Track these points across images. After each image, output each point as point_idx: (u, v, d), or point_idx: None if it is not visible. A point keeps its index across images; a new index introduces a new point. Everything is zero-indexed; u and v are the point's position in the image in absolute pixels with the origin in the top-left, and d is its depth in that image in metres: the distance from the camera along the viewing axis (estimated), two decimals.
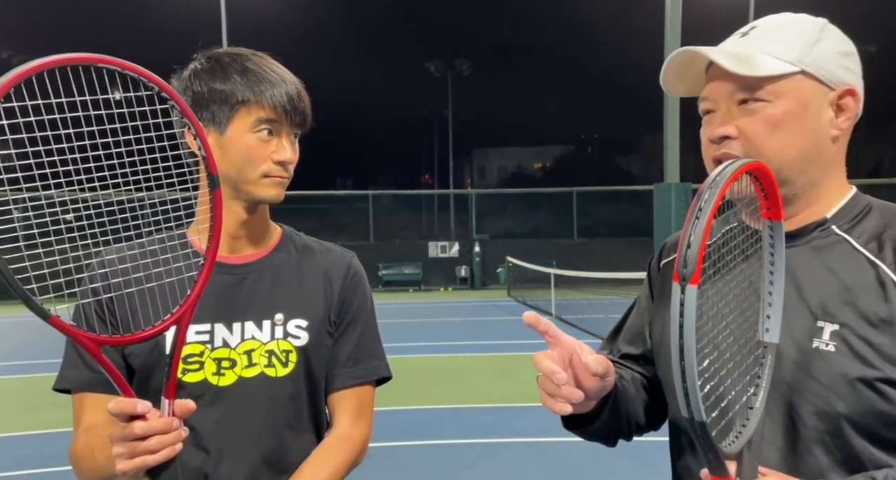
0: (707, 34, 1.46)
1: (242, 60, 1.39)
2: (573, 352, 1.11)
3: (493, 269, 20.71)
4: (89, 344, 1.12)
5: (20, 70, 0.98)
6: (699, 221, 0.85)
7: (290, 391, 1.42)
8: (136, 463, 1.12)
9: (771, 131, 1.11)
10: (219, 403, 1.37)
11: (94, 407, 1.37)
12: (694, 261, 0.84)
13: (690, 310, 0.84)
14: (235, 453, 1.39)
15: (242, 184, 1.37)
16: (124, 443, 1.12)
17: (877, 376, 1.03)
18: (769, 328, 1.06)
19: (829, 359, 1.06)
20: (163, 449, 1.12)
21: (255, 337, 1.41)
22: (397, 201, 25.53)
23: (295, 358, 1.42)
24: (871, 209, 1.16)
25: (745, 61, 1.10)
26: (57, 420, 6.31)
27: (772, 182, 1.01)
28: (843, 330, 1.07)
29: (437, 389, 7.75)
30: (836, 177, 1.17)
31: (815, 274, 1.12)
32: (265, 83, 1.36)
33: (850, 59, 1.15)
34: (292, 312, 1.44)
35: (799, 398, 1.09)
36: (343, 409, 1.49)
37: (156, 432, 1.12)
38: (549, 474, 5.04)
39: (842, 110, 1.13)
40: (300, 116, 1.41)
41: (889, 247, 1.09)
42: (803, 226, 1.16)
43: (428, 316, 14.61)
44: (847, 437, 1.06)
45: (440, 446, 5.71)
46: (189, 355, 1.36)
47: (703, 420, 0.88)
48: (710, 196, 0.87)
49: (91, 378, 1.37)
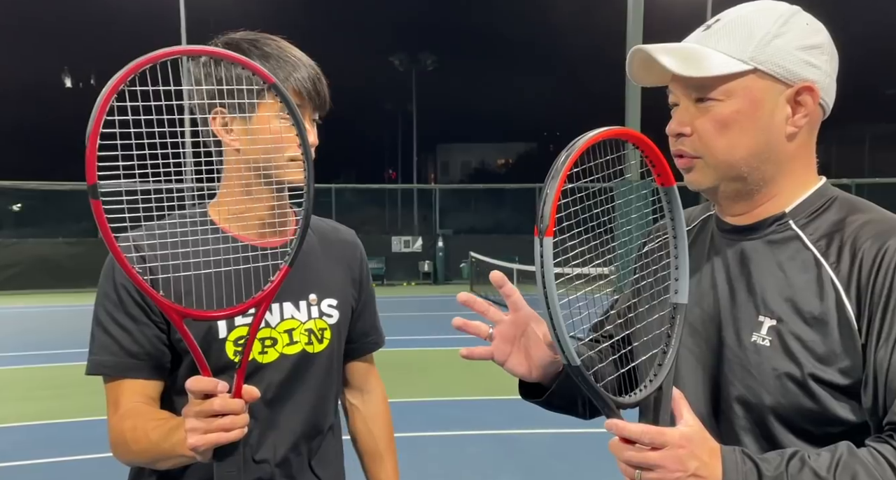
0: (670, 30, 1.48)
1: (261, 45, 1.41)
2: (530, 322, 1.18)
3: (457, 264, 20.73)
4: (173, 315, 1.17)
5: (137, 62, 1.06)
6: (554, 180, 0.92)
7: (325, 365, 1.54)
8: (209, 439, 1.15)
9: (719, 130, 1.11)
10: (263, 379, 1.43)
11: (132, 392, 1.38)
12: (549, 216, 0.91)
13: (549, 260, 0.91)
14: (280, 424, 1.46)
15: (271, 169, 1.39)
16: (200, 419, 1.15)
17: (804, 373, 1.06)
18: (678, 289, 1.11)
19: (763, 353, 1.10)
20: (235, 430, 1.15)
21: (295, 317, 1.49)
22: (360, 195, 25.36)
23: (329, 336, 1.54)
24: (832, 204, 1.15)
25: (692, 61, 1.10)
26: (53, 411, 6.15)
27: (654, 150, 1.05)
28: (779, 326, 1.09)
29: (401, 383, 7.74)
30: (795, 174, 1.16)
31: (765, 269, 1.14)
32: (288, 67, 1.39)
33: (815, 53, 1.11)
34: (324, 292, 1.54)
35: (732, 388, 1.13)
36: (372, 373, 1.74)
37: (232, 410, 1.15)
38: (512, 465, 5.09)
39: (799, 107, 1.11)
40: (321, 99, 1.45)
41: (835, 246, 1.10)
42: (762, 219, 1.17)
43: (391, 311, 14.54)
44: (772, 429, 1.10)
45: (404, 439, 5.66)
46: (239, 337, 1.40)
47: (578, 365, 0.94)
48: (566, 158, 0.94)
49: (130, 363, 1.38)
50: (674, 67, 1.09)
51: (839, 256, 1.08)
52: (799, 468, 0.98)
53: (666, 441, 0.96)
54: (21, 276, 17.30)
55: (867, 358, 1.03)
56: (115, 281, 1.38)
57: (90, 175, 1.05)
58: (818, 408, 1.06)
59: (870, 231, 1.08)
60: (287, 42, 1.46)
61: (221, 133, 1.40)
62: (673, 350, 1.07)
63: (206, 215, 1.45)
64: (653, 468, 0.97)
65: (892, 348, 1.01)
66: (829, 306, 1.06)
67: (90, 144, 1.05)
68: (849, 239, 1.09)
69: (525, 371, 1.20)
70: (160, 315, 1.36)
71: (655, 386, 1.03)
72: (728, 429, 1.14)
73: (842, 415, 1.06)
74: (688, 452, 0.97)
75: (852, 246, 1.08)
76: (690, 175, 1.17)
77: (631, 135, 1.02)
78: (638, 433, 0.96)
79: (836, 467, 0.97)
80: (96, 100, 1.05)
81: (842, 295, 1.06)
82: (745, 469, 0.98)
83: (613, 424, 0.98)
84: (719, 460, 0.99)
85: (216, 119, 1.39)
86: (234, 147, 1.40)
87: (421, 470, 4.97)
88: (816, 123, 1.16)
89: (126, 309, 1.38)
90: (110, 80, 1.06)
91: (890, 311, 1.02)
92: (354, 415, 1.73)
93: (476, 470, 5.00)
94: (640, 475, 0.98)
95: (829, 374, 1.05)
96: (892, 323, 1.02)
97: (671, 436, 0.97)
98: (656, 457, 0.96)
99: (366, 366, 1.73)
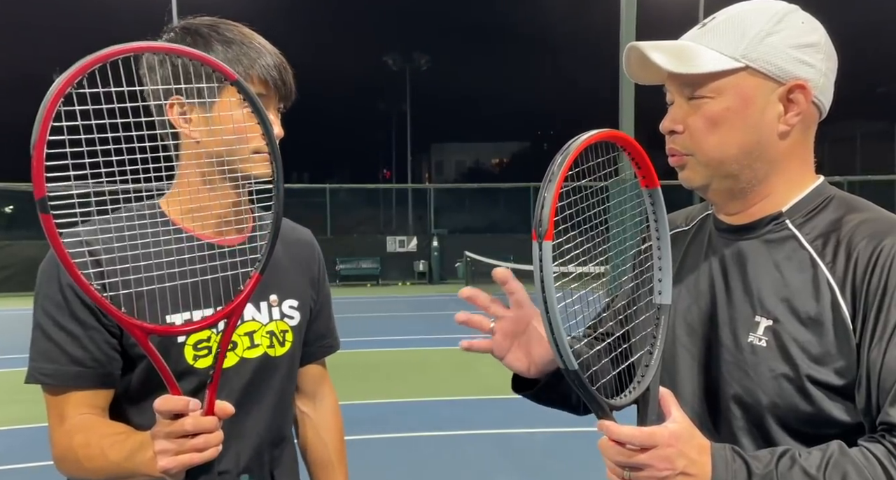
0: (664, 29, 1.48)
1: (222, 30, 1.32)
2: (532, 319, 1.18)
3: (452, 264, 20.72)
4: (137, 332, 1.08)
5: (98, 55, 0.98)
6: (551, 183, 0.92)
7: (287, 368, 1.46)
8: (182, 460, 1.08)
9: (710, 128, 1.11)
10: (224, 384, 1.33)
11: (78, 403, 1.28)
12: (547, 220, 0.90)
13: (548, 264, 0.91)
14: (243, 432, 1.37)
15: (233, 162, 1.31)
16: (171, 440, 1.08)
17: (799, 373, 1.06)
18: (661, 290, 1.11)
19: (760, 354, 1.10)
20: (208, 449, 1.09)
21: (256, 319, 1.41)
22: (355, 195, 25.34)
23: (291, 338, 1.46)
24: (829, 203, 1.15)
25: (684, 58, 1.10)
26: (17, 417, 6.12)
27: (639, 152, 1.05)
28: (776, 326, 1.09)
29: (397, 383, 7.74)
30: (790, 172, 1.15)
31: (762, 269, 1.14)
32: (252, 55, 1.30)
33: (810, 51, 1.11)
34: (284, 293, 1.46)
35: (729, 388, 1.13)
36: (325, 378, 1.66)
37: (205, 430, 1.09)
38: (508, 465, 5.09)
39: (791, 105, 1.11)
40: (287, 89, 1.36)
41: (831, 246, 1.09)
42: (758, 219, 1.17)
43: (386, 311, 14.56)
44: (769, 429, 1.10)
45: (400, 439, 5.70)
46: (199, 341, 1.32)
47: (576, 369, 0.94)
48: (562, 160, 0.93)
49: (75, 372, 1.27)
50: (665, 64, 1.09)
51: (835, 256, 1.08)
52: (789, 466, 0.98)
53: (655, 441, 0.96)
54: (13, 279, 17.22)
55: (860, 358, 1.03)
56: (61, 282, 1.25)
57: (38, 188, 0.96)
58: (814, 409, 1.06)
59: (865, 230, 1.08)
60: (249, 29, 1.37)
61: (179, 122, 1.29)
62: (658, 350, 1.07)
63: (158, 208, 1.34)
64: (642, 467, 0.97)
65: (885, 347, 1.01)
66: (825, 306, 1.06)
67: (36, 154, 0.96)
68: (844, 238, 1.09)
69: (524, 367, 1.20)
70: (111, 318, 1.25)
71: (643, 387, 1.04)
72: (725, 429, 1.14)
73: (837, 416, 1.06)
74: (676, 450, 0.97)
75: (848, 246, 1.07)
76: (683, 173, 1.17)
77: (618, 137, 1.02)
78: (628, 436, 0.97)
79: (826, 465, 0.97)
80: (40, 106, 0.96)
81: (837, 296, 1.06)
82: (734, 467, 0.98)
83: (605, 426, 0.98)
84: (709, 457, 0.99)
85: (173, 107, 1.28)
86: (192, 138, 1.30)
87: (417, 470, 4.96)
88: (811, 122, 1.16)
89: (73, 312, 1.25)
90: (55, 83, 0.97)
91: (884, 311, 1.02)
92: (305, 423, 1.62)
93: (473, 470, 5.00)
94: (630, 475, 0.98)
95: (824, 375, 1.05)
96: (886, 323, 1.02)
97: (660, 436, 0.97)
98: (644, 457, 0.96)
99: (320, 372, 1.64)
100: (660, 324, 1.10)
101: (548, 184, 0.92)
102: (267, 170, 1.32)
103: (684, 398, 1.18)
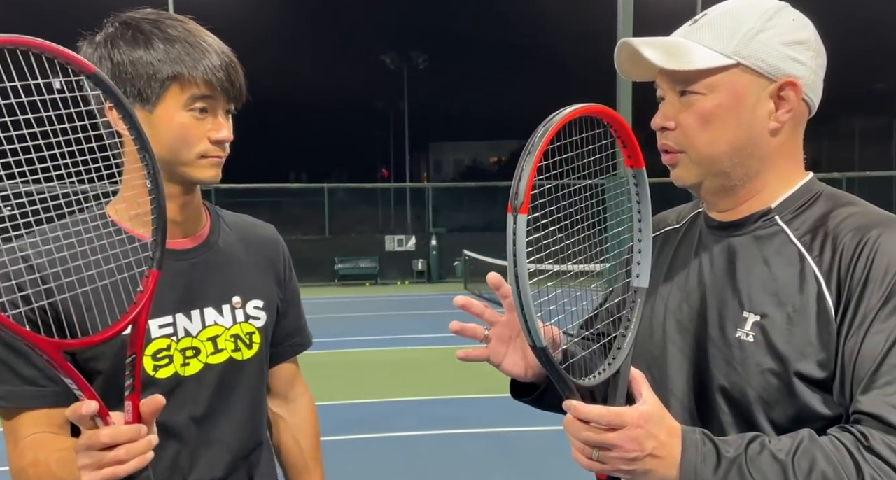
0: (660, 27, 1.47)
1: (165, 27, 1.25)
2: None
3: (450, 263, 20.73)
4: (50, 350, 0.99)
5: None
6: (530, 156, 0.90)
7: (256, 371, 1.42)
8: (104, 475, 1.00)
9: (702, 124, 1.11)
10: (188, 393, 1.31)
11: (34, 422, 1.23)
12: (524, 192, 0.89)
13: (521, 238, 0.89)
14: (212, 440, 1.33)
15: (177, 166, 1.26)
16: (90, 453, 1.01)
17: (786, 369, 1.06)
18: (639, 273, 1.11)
19: (747, 349, 1.10)
20: (132, 459, 1.01)
21: (218, 323, 1.36)
22: (353, 195, 25.33)
23: (259, 339, 1.41)
24: (818, 198, 1.16)
25: (676, 54, 1.10)
26: None
27: (627, 130, 1.04)
28: (763, 322, 1.09)
29: (395, 382, 7.74)
30: (780, 169, 1.16)
31: (751, 264, 1.14)
32: (196, 55, 1.23)
33: (800, 49, 1.11)
34: (248, 294, 1.41)
35: (717, 383, 1.13)
36: (299, 378, 1.61)
37: (124, 440, 1.00)
38: (506, 464, 5.09)
39: (782, 102, 1.11)
40: (236, 90, 1.29)
41: (819, 240, 1.10)
42: (748, 215, 1.17)
43: (385, 310, 14.57)
44: (758, 424, 1.10)
45: (398, 438, 5.70)
46: (158, 350, 1.28)
47: (543, 346, 0.93)
48: (542, 133, 0.92)
49: (31, 392, 1.21)
50: (657, 60, 1.09)
51: (822, 249, 1.08)
52: (758, 450, 0.98)
53: (624, 422, 0.96)
54: None
55: (838, 347, 1.03)
56: None
57: None
58: (799, 403, 1.06)
59: (852, 223, 1.08)
60: (197, 24, 1.29)
61: (119, 124, 1.18)
62: (632, 333, 1.07)
63: (106, 216, 1.26)
64: (610, 448, 0.97)
65: (863, 336, 1.01)
66: (810, 298, 1.06)
67: None
68: (832, 232, 1.09)
69: (521, 371, 1.19)
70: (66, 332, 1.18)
71: (614, 369, 1.03)
72: (715, 424, 1.14)
73: (821, 411, 1.06)
74: (645, 432, 0.97)
75: (834, 239, 1.08)
76: (675, 171, 1.17)
77: (604, 112, 1.01)
78: (596, 415, 0.96)
79: (795, 451, 0.97)
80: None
81: (822, 288, 1.06)
82: (704, 450, 0.99)
83: (571, 405, 0.98)
84: (679, 439, 0.99)
85: (113, 109, 1.18)
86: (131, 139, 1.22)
87: (415, 470, 4.96)
88: (801, 119, 1.16)
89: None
90: None
91: (865, 300, 1.02)
92: (279, 425, 1.57)
93: (471, 469, 5.00)
94: (598, 454, 0.98)
95: (808, 368, 1.05)
96: (865, 313, 1.02)
97: (629, 416, 0.97)
98: (613, 437, 0.96)
99: (291, 371, 1.58)
100: (635, 307, 1.09)
101: (527, 157, 0.90)
102: (215, 173, 1.29)
103: (675, 394, 1.19)
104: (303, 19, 68.89)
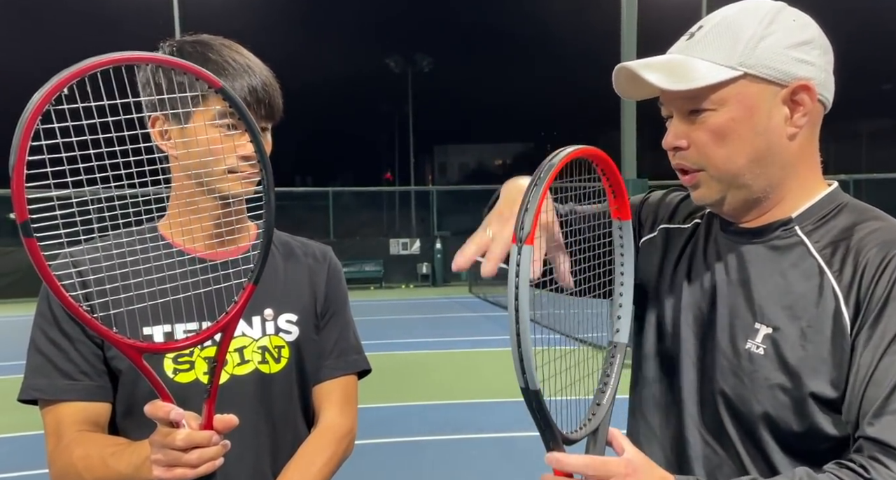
0: (665, 29, 1.46)
1: (205, 50, 1.33)
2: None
3: None
4: (131, 352, 1.07)
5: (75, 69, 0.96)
6: (537, 188, 0.89)
7: (283, 386, 1.41)
8: (175, 474, 1.07)
9: (717, 140, 1.08)
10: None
11: (73, 418, 1.28)
12: (530, 224, 0.88)
13: (525, 270, 0.87)
14: (234, 452, 1.31)
15: (208, 180, 1.30)
16: (165, 451, 1.07)
17: (795, 385, 1.04)
18: (619, 328, 1.09)
19: (757, 362, 1.07)
20: (203, 464, 1.07)
21: (246, 334, 1.37)
22: (358, 198, 25.33)
23: (287, 354, 1.41)
24: (841, 210, 1.12)
25: (679, 73, 1.06)
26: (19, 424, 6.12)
27: (618, 179, 1.03)
28: (775, 335, 1.06)
29: (400, 386, 7.72)
30: (802, 175, 1.12)
31: (766, 275, 1.11)
32: (226, 74, 1.30)
33: (806, 49, 1.07)
34: (281, 307, 1.42)
35: (723, 393, 1.11)
36: (330, 401, 1.49)
37: (197, 445, 1.07)
38: (511, 468, 5.06)
39: (797, 106, 1.07)
40: (266, 108, 1.35)
41: (840, 254, 1.06)
42: (767, 223, 1.14)
43: (390, 314, 14.55)
44: (761, 438, 1.07)
45: (404, 443, 5.68)
46: (179, 355, 1.30)
47: (537, 389, 0.90)
48: (549, 167, 0.91)
49: (67, 385, 1.29)
50: (661, 83, 1.05)
51: (843, 264, 1.05)
52: None
53: (609, 471, 0.94)
54: (19, 284, 17.25)
55: (852, 365, 1.01)
56: (50, 298, 1.29)
57: (20, 212, 0.93)
58: (807, 422, 1.04)
59: (876, 239, 1.05)
60: (238, 45, 1.38)
61: (159, 139, 1.32)
62: (611, 389, 1.05)
63: (156, 230, 1.36)
64: None
65: (879, 357, 0.98)
66: (827, 315, 1.03)
67: (16, 177, 0.92)
68: (854, 247, 1.05)
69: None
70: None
71: (594, 425, 1.01)
72: (718, 434, 1.12)
73: (829, 431, 1.04)
74: (634, 479, 0.95)
75: (856, 255, 1.04)
76: (697, 191, 1.14)
77: (602, 159, 1.01)
78: (582, 465, 0.95)
79: None
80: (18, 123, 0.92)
81: (840, 304, 1.03)
82: None
83: (555, 458, 0.96)
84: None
85: (155, 125, 1.32)
86: (172, 154, 1.33)
87: (421, 474, 4.95)
88: (817, 120, 1.13)
89: (60, 326, 1.29)
90: (33, 98, 0.93)
91: (883, 320, 0.99)
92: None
93: (476, 473, 4.97)
94: None
95: (819, 387, 1.03)
96: (884, 333, 0.99)
97: (615, 466, 0.95)
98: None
99: (323, 393, 1.49)
100: (614, 363, 1.07)
101: (534, 189, 0.89)
102: (243, 189, 1.33)
103: (682, 397, 1.16)
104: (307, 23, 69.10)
